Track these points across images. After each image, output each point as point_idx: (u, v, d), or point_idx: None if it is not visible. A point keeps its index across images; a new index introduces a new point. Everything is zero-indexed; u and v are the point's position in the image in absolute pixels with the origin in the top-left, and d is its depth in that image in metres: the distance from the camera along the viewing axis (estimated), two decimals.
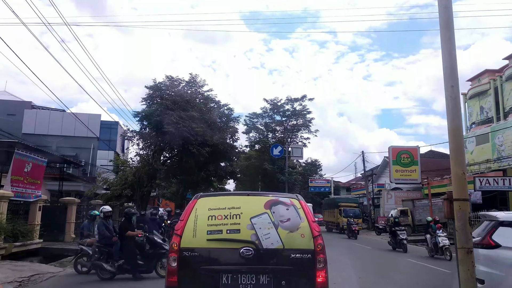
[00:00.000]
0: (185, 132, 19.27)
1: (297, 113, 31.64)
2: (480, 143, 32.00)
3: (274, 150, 23.03)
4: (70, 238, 16.86)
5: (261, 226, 4.13)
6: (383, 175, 43.18)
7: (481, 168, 30.99)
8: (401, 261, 13.84)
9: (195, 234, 4.12)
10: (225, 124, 23.45)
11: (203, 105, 21.76)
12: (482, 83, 33.72)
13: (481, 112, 34.27)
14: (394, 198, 36.58)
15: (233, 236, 4.08)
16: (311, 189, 46.56)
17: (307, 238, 4.13)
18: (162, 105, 19.44)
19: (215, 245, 4.08)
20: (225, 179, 35.89)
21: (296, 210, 4.33)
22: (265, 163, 28.54)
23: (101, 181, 22.58)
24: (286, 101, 32.66)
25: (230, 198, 4.59)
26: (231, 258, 4.03)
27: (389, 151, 25.54)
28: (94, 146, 38.63)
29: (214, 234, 4.09)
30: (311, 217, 4.35)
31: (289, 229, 4.17)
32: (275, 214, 4.23)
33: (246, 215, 4.18)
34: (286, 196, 4.60)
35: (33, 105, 39.41)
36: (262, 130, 33.17)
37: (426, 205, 27.56)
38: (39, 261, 12.88)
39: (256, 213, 4.20)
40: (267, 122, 33.46)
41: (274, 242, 4.06)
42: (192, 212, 4.27)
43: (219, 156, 23.01)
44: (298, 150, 22.42)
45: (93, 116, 38.32)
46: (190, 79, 21.78)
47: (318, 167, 62.86)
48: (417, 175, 25.23)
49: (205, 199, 4.47)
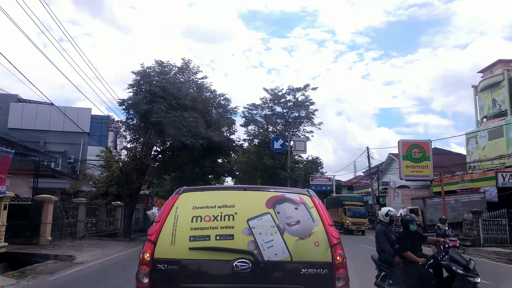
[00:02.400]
0: (176, 123, 17.34)
1: (300, 104, 29.38)
2: (493, 138, 30.21)
3: (275, 144, 21.03)
4: (45, 241, 14.90)
5: (261, 231, 3.14)
6: (388, 171, 41.32)
7: (494, 164, 29.26)
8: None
9: (174, 241, 3.13)
10: (221, 116, 21.48)
11: (197, 93, 19.81)
12: (494, 74, 31.91)
13: (494, 105, 32.47)
14: (401, 197, 34.75)
15: (225, 243, 3.09)
16: (312, 188, 44.62)
17: (322, 248, 3.18)
18: (151, 92, 17.47)
19: (200, 256, 3.09)
20: (223, 176, 33.94)
21: (307, 210, 3.32)
22: (265, 158, 26.41)
23: (85, 177, 20.63)
24: (288, 91, 30.21)
25: (221, 193, 3.52)
26: (222, 273, 3.05)
27: (399, 145, 23.62)
28: (84, 142, 36.53)
29: (199, 241, 3.11)
30: (327, 219, 3.31)
31: (299, 235, 3.20)
32: (280, 215, 3.25)
33: (242, 216, 3.19)
34: (295, 192, 3.52)
35: (19, 98, 37.35)
36: (261, 123, 30.97)
37: (437, 203, 25.68)
38: (2, 269, 10.95)
39: (255, 214, 3.21)
40: (267, 114, 31.21)
41: (279, 252, 3.09)
42: (171, 211, 3.24)
43: (215, 150, 21.03)
44: (301, 144, 20.35)
45: (83, 110, 36.36)
46: (183, 65, 19.78)
47: (319, 164, 61.07)
48: (429, 171, 23.33)
49: (188, 194, 3.41)
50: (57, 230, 16.89)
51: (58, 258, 11.82)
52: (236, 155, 31.59)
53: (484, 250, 18.48)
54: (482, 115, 33.83)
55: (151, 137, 18.37)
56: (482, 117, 33.87)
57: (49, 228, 15.32)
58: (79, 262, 11.35)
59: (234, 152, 24.65)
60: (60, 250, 13.43)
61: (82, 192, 21.40)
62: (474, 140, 32.46)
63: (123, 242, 18.79)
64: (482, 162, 31.10)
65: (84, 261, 11.52)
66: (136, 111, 17.94)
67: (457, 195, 26.83)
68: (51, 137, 35.68)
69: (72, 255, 12.03)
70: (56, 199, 16.00)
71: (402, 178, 24.07)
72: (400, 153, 23.46)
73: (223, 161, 32.18)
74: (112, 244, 17.52)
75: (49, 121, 35.76)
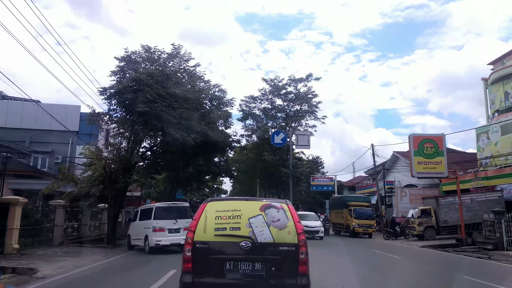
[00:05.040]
0: (164, 114, 15.37)
1: (302, 96, 26.96)
2: (506, 133, 28.31)
3: (276, 138, 18.96)
4: (11, 250, 12.87)
5: (257, 225, 5.02)
6: (393, 170, 39.37)
7: (509, 160, 27.41)
8: None
9: (205, 231, 5.01)
10: (216, 108, 19.48)
11: (189, 82, 17.87)
12: (506, 66, 30.08)
13: (506, 98, 30.58)
14: (408, 196, 32.79)
15: (235, 232, 4.97)
16: (313, 188, 42.65)
17: (292, 235, 5.05)
18: (136, 80, 15.49)
19: (220, 239, 4.98)
20: (220, 176, 31.86)
21: (284, 213, 5.22)
22: (264, 154, 24.10)
23: (65, 177, 18.60)
24: (289, 81, 27.64)
25: (232, 203, 5.56)
26: (233, 249, 4.91)
27: (410, 140, 21.65)
28: (73, 141, 34.40)
29: (220, 230, 5.00)
30: (296, 218, 5.23)
31: (279, 228, 5.07)
32: (268, 216, 5.13)
33: (245, 216, 5.08)
34: (277, 201, 5.49)
35: (4, 95, 35.27)
36: (260, 117, 28.59)
37: (451, 203, 23.75)
38: None
39: (253, 215, 5.10)
40: (266, 107, 28.84)
41: (267, 237, 4.97)
42: (203, 213, 5.14)
43: (209, 147, 18.95)
44: (304, 138, 18.15)
45: (72, 108, 34.20)
46: (173, 50, 17.76)
47: (320, 164, 58.87)
48: (443, 168, 21.36)
49: (213, 203, 5.39)
50: (30, 236, 14.89)
51: (16, 271, 9.80)
52: (233, 152, 29.50)
53: (510, 254, 16.52)
54: (494, 109, 31.94)
55: (136, 131, 16.38)
56: (494, 111, 31.98)
57: (16, 235, 13.27)
58: (40, 276, 9.33)
59: (231, 148, 22.59)
60: (25, 261, 11.41)
61: (63, 193, 19.31)
62: (485, 136, 30.54)
63: (105, 249, 16.76)
64: (495, 159, 29.25)
65: (47, 275, 9.49)
66: (119, 101, 15.91)
67: (471, 193, 24.90)
68: (38, 136, 33.70)
69: (34, 268, 10.00)
70: (25, 201, 13.95)
71: (414, 176, 22.08)
72: (411, 149, 21.47)
73: (219, 159, 30.19)
74: (92, 252, 15.52)
75: (35, 119, 33.66)
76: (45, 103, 35.47)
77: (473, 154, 33.87)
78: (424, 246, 20.55)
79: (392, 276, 10.19)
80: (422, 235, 23.68)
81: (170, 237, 14.38)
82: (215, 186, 49.93)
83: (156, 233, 14.37)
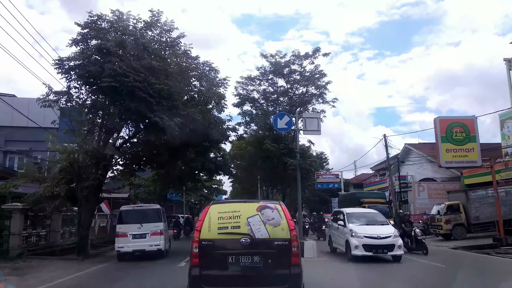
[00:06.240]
0: (138, 90, 12.18)
1: (308, 77, 23.20)
2: None
3: (279, 122, 15.66)
4: None
5: (254, 224, 5.94)
6: (405, 164, 36.16)
7: None
8: None
9: (210, 230, 5.95)
10: (206, 89, 16.25)
11: (171, 57, 14.71)
12: None
13: None
14: (426, 191, 29.60)
15: (236, 230, 5.90)
16: (318, 186, 39.55)
17: (285, 231, 5.97)
18: (101, 49, 12.30)
19: (223, 237, 5.91)
20: (216, 174, 28.57)
21: (278, 212, 6.15)
22: (266, 141, 20.58)
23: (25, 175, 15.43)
24: (292, 58, 23.51)
25: (233, 205, 6.51)
26: (235, 245, 5.84)
27: (436, 124, 18.45)
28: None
29: (222, 229, 5.94)
30: (288, 216, 6.17)
31: (273, 225, 6.00)
32: (264, 215, 6.05)
33: (244, 216, 6.01)
34: (272, 202, 6.49)
35: None
36: (259, 101, 24.81)
37: (483, 197, 20.59)
38: None
39: (251, 215, 6.02)
40: (266, 89, 25.12)
41: (264, 234, 5.90)
42: (207, 215, 6.08)
43: (199, 135, 15.63)
44: (314, 122, 14.84)
45: None
46: (151, 18, 14.52)
47: (325, 160, 55.52)
48: (476, 155, 18.17)
49: (215, 205, 6.40)
50: None
51: None
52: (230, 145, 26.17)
53: None
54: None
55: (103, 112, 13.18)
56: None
57: None
58: None
59: (226, 138, 19.32)
60: None
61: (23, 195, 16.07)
62: (510, 122, 27.36)
63: (74, 261, 13.65)
64: None
65: None
66: (80, 75, 12.66)
67: (504, 186, 21.70)
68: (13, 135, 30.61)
69: None
70: None
71: (441, 166, 18.87)
72: (437, 134, 18.26)
73: (215, 155, 26.96)
74: (55, 266, 12.46)
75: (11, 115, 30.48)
76: (21, 98, 32.52)
77: (488, 144, 30.39)
78: (457, 248, 17.37)
79: None
80: (449, 234, 20.52)
81: (134, 243, 13.31)
82: (214, 187, 46.80)
83: (119, 239, 13.33)
